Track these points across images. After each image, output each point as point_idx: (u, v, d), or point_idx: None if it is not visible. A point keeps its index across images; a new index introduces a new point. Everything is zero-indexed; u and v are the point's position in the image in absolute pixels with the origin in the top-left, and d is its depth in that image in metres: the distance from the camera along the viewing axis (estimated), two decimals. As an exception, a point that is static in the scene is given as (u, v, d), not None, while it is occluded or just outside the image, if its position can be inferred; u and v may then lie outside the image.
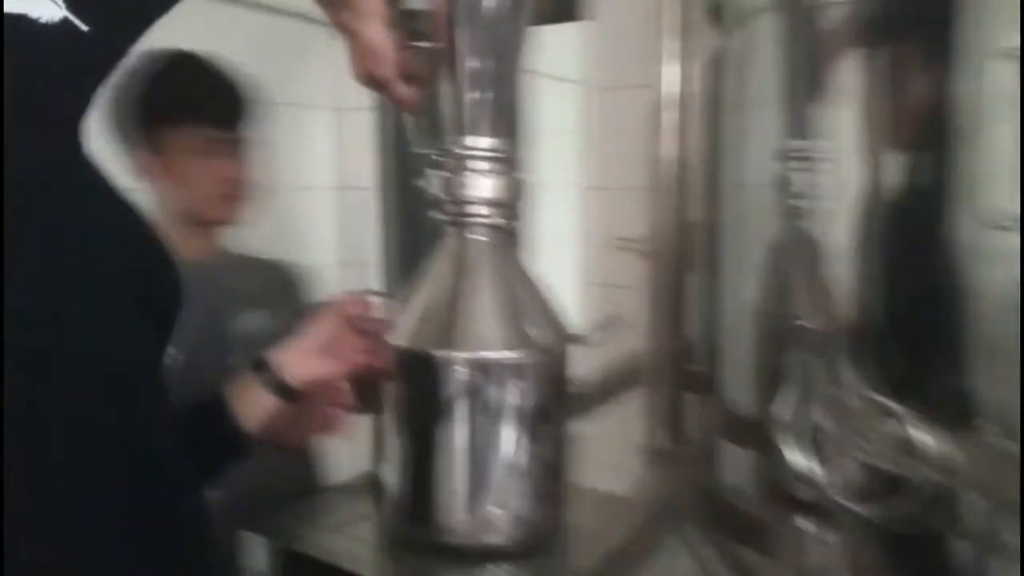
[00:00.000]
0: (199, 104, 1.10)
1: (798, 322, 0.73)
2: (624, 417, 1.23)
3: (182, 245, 1.13)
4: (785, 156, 0.70)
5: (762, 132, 0.77)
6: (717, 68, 0.86)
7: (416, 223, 1.14)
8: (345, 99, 2.19)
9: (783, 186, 0.71)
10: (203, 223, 1.14)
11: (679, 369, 1.12)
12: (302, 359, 0.84)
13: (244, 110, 1.15)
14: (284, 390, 0.82)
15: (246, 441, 0.82)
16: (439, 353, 0.72)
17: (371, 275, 2.27)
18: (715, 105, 0.88)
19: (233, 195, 1.14)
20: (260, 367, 0.83)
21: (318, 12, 2.25)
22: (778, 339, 0.79)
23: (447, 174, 0.73)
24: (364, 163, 2.29)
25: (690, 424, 1.10)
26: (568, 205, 2.18)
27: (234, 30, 1.81)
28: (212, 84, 1.12)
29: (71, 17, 0.44)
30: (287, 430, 0.88)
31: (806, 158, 0.70)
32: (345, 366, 0.84)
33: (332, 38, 2.34)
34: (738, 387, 0.96)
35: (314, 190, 2.16)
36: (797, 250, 0.72)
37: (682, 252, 1.11)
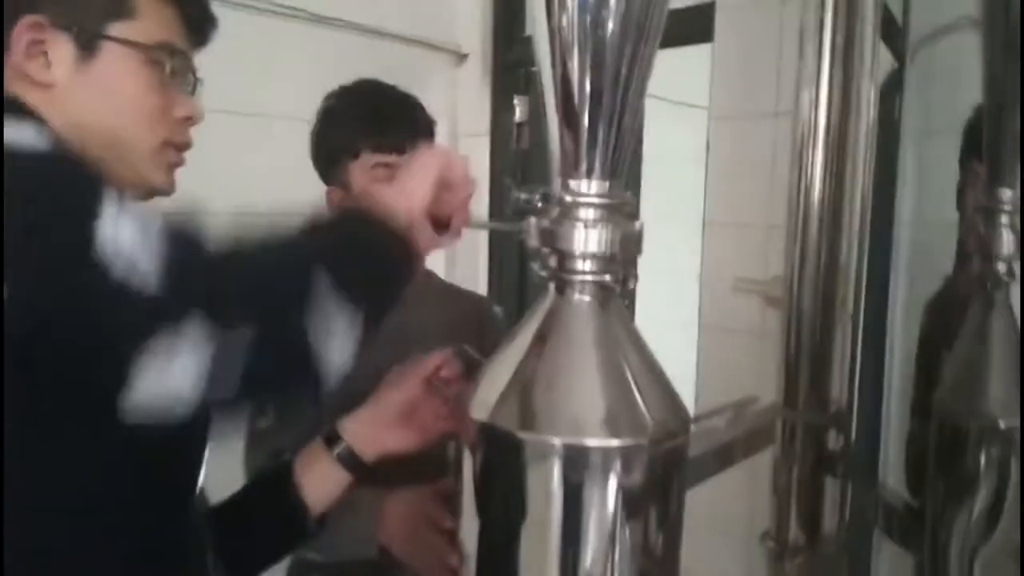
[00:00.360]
0: (371, 131, 1.07)
1: (991, 420, 0.57)
2: (746, 499, 1.07)
3: None
4: (986, 208, 0.55)
5: (946, 168, 0.62)
6: (888, 94, 0.70)
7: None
8: (461, 123, 2.16)
9: (980, 245, 0.55)
10: None
11: (818, 443, 0.95)
12: (378, 431, 0.75)
13: (418, 134, 1.09)
14: (357, 466, 0.74)
15: (310, 522, 0.73)
16: (528, 436, 0.60)
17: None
18: (885, 135, 0.72)
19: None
20: (331, 439, 0.74)
21: (437, 38, 2.22)
22: (961, 433, 0.62)
23: (549, 223, 0.61)
24: (479, 189, 2.26)
25: (829, 513, 0.93)
26: (685, 240, 2.03)
27: (353, 56, 1.82)
28: (383, 110, 1.09)
29: None
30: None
31: (1010, 211, 0.54)
32: (425, 436, 0.74)
33: (452, 64, 2.31)
34: (899, 471, 0.78)
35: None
36: (995, 329, 0.56)
37: (827, 300, 0.94)
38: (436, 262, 2.08)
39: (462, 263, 2.17)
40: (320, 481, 0.73)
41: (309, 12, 1.78)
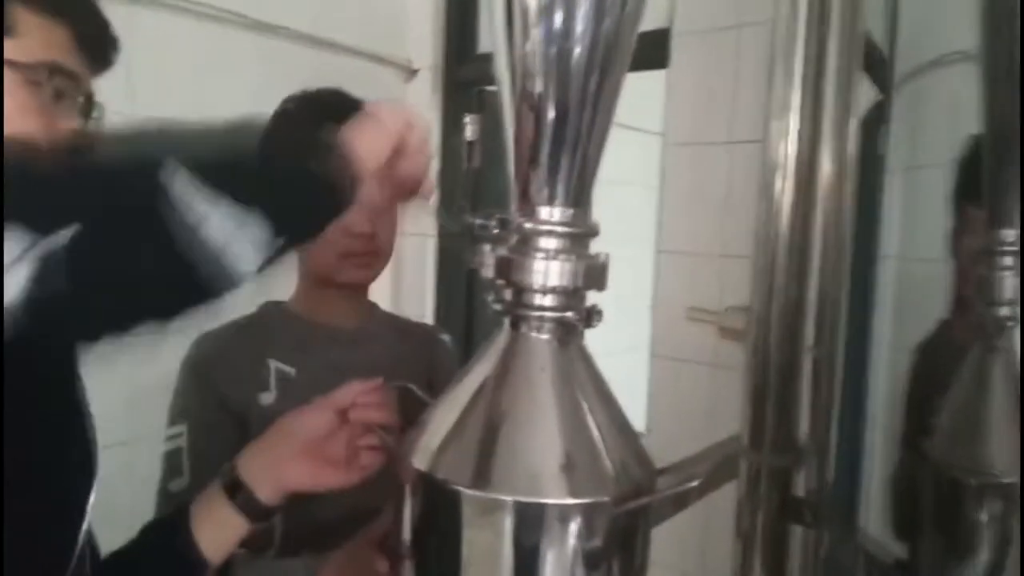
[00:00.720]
0: None
1: (993, 477, 0.52)
2: (699, 542, 1.01)
3: (321, 310, 0.96)
4: (986, 250, 0.50)
5: (934, 204, 0.57)
6: (871, 126, 0.66)
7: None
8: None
9: (980, 289, 0.51)
10: (332, 285, 0.96)
11: (786, 487, 0.90)
12: (276, 465, 0.66)
13: None
14: (254, 509, 0.65)
15: (206, 574, 0.64)
16: (475, 492, 0.53)
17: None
18: (867, 168, 0.68)
19: (363, 253, 0.95)
20: (228, 479, 0.66)
21: (387, 51, 2.13)
22: (960, 487, 0.58)
23: (505, 252, 0.55)
24: (425, 210, 2.18)
25: (799, 563, 0.87)
26: (634, 264, 2.00)
27: (300, 66, 1.75)
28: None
29: None
30: None
31: (1014, 252, 0.49)
32: (341, 473, 0.67)
33: (402, 79, 2.23)
34: (880, 519, 0.73)
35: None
36: (996, 377, 0.51)
37: (796, 336, 0.89)
38: (381, 288, 2.00)
39: (407, 290, 2.09)
40: (216, 527, 0.64)
41: (252, 19, 1.70)
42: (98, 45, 0.65)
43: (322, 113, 0.98)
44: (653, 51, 1.64)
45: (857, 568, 0.74)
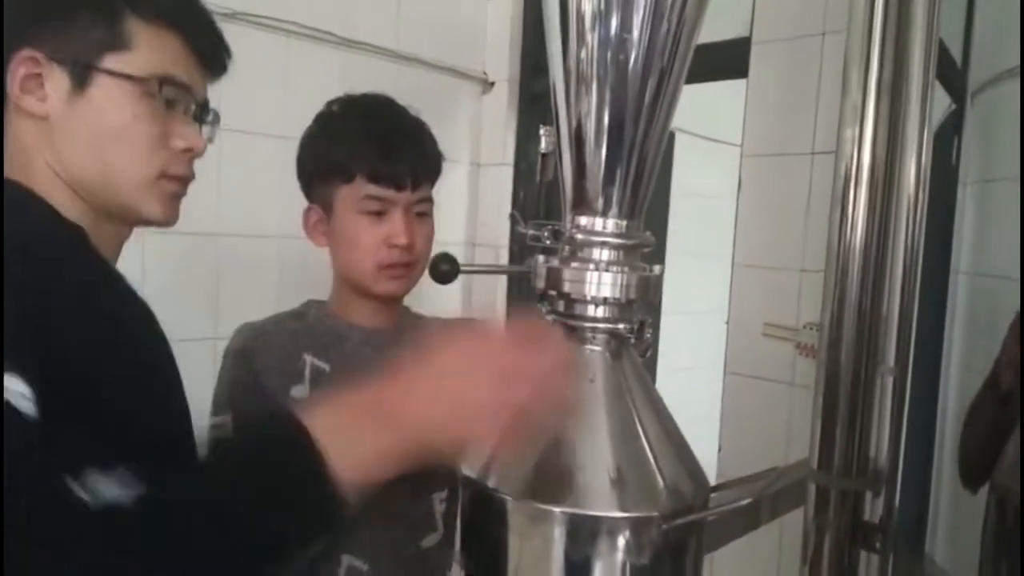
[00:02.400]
0: (373, 156, 0.93)
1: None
2: (773, 563, 0.98)
3: (356, 312, 0.95)
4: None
5: (1011, 218, 0.54)
6: (944, 137, 0.63)
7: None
8: (485, 153, 2.13)
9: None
10: (368, 295, 0.95)
11: (855, 511, 0.86)
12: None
13: (424, 168, 0.96)
14: None
15: (340, 500, 0.47)
16: (523, 503, 0.53)
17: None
18: (940, 179, 0.65)
19: (401, 264, 0.93)
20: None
21: (464, 65, 2.16)
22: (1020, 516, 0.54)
23: (557, 263, 0.55)
24: (499, 220, 2.21)
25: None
26: (712, 277, 1.95)
27: (381, 81, 1.79)
28: (392, 135, 0.96)
29: None
30: None
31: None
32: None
33: (479, 92, 2.26)
34: (946, 545, 0.70)
35: (447, 246, 2.08)
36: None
37: (869, 354, 0.85)
38: (451, 299, 2.03)
39: (478, 301, 2.11)
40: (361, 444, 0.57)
41: (337, 36, 1.76)
42: (211, 53, 0.67)
43: (366, 116, 0.97)
44: (733, 59, 1.60)
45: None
